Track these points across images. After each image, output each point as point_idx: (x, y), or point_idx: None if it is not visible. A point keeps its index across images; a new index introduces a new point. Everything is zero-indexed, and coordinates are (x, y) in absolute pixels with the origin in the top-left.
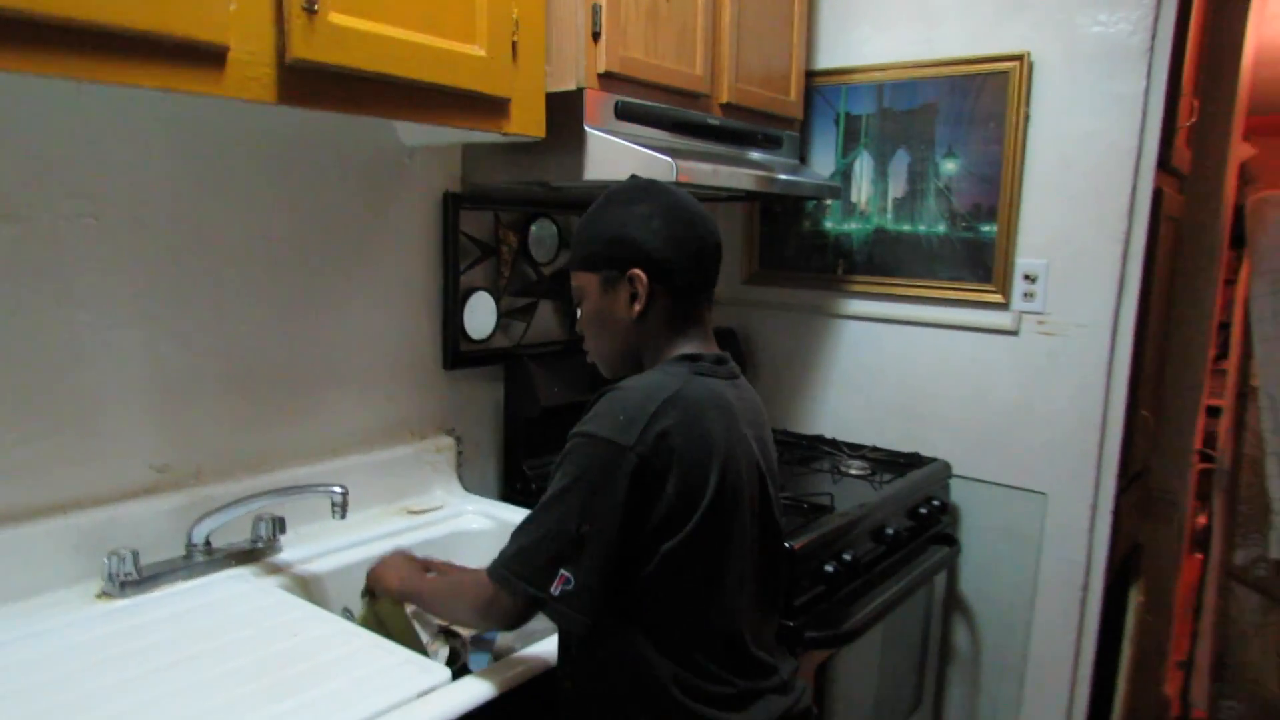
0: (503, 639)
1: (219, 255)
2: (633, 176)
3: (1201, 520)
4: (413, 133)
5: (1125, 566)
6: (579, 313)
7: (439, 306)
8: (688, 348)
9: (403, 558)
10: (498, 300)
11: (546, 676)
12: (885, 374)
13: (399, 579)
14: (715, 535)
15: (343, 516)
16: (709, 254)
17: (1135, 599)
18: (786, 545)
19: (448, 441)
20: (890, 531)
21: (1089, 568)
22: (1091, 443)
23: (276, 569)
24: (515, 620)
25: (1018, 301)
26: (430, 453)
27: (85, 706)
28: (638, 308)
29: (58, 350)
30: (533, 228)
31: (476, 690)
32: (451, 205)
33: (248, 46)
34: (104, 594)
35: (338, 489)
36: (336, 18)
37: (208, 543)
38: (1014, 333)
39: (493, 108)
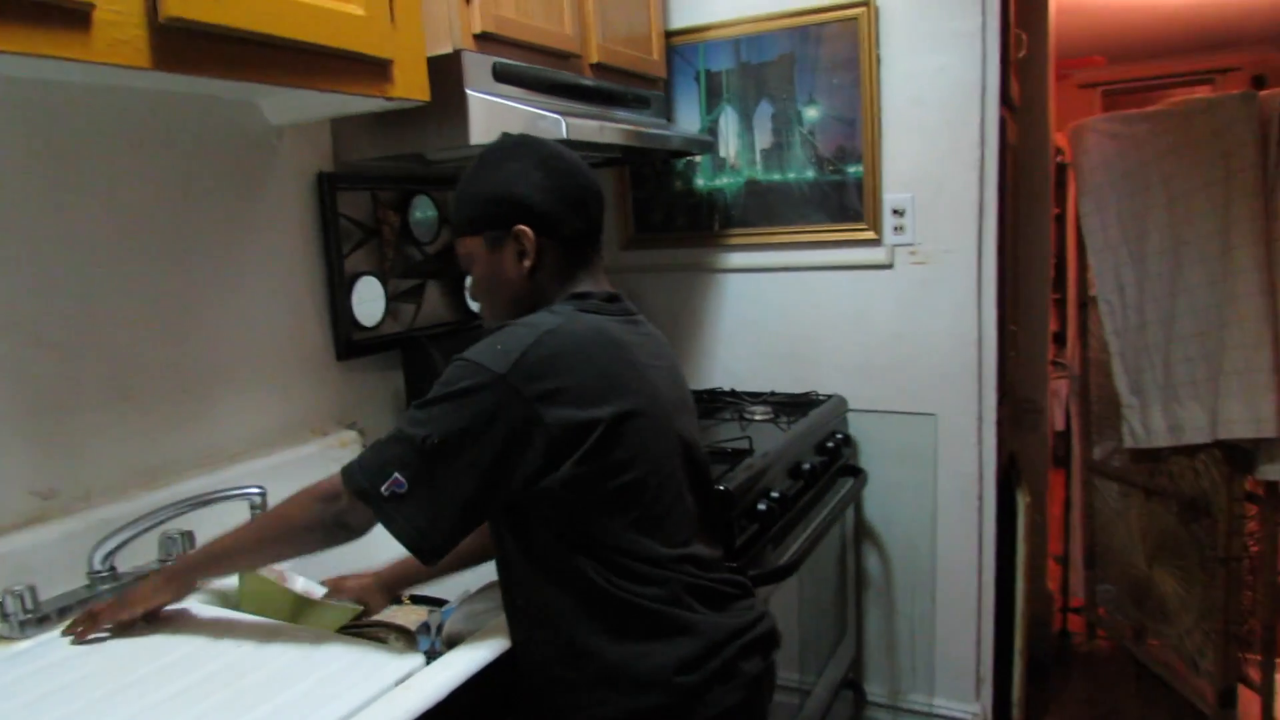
0: (451, 624)
1: (84, 251)
2: (503, 135)
3: (1060, 425)
4: (279, 110)
5: (1008, 474)
6: (469, 280)
7: (325, 294)
8: (579, 289)
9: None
10: (385, 284)
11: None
12: (772, 322)
13: (162, 574)
14: (625, 465)
15: None
16: (592, 201)
17: (1023, 500)
18: (722, 488)
19: (351, 435)
20: (806, 467)
21: (981, 478)
22: (971, 361)
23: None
24: (353, 518)
25: (889, 236)
26: (334, 449)
27: None
28: (527, 264)
29: None
30: (413, 206)
31: (459, 666)
32: (327, 186)
33: (115, 4)
34: (2, 638)
35: (255, 490)
36: None
37: (111, 568)
38: (889, 266)
39: (375, 71)
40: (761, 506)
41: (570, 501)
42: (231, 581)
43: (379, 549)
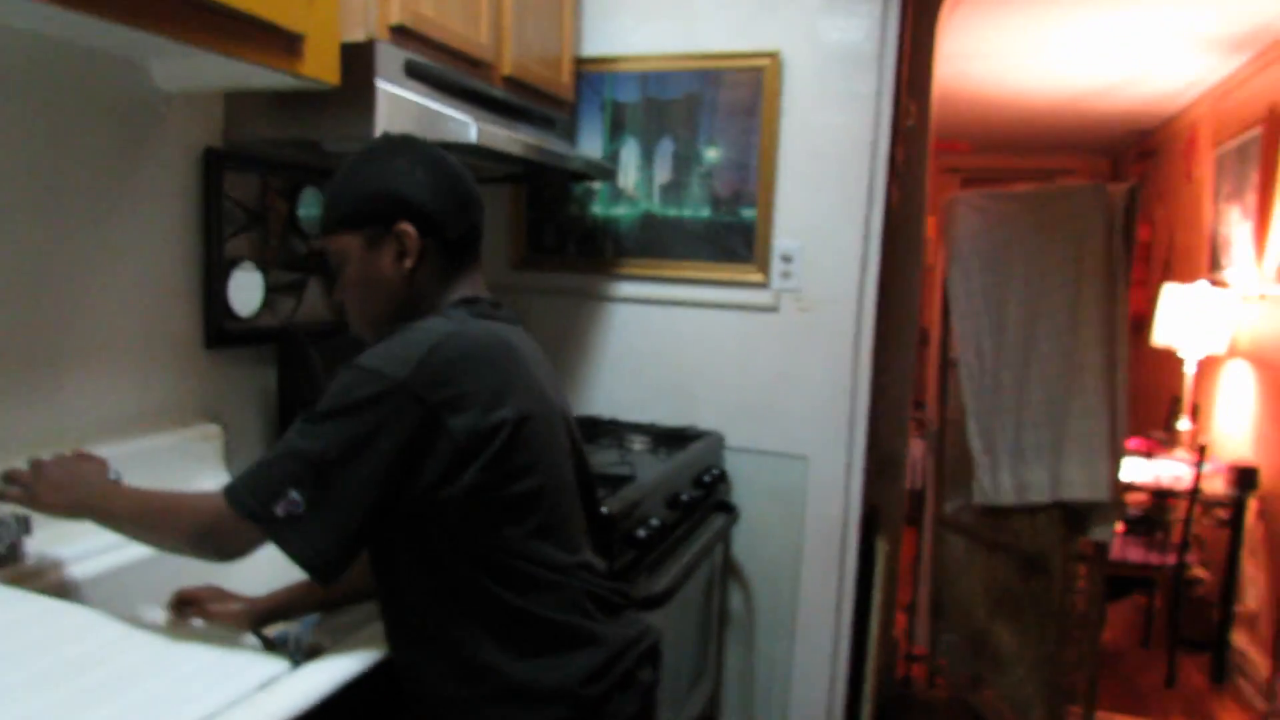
0: (315, 637)
1: None
2: (384, 134)
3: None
4: (171, 76)
5: (869, 522)
6: (339, 280)
7: (200, 277)
8: (464, 295)
9: (88, 464)
10: (265, 274)
11: None
12: (656, 354)
13: (74, 487)
14: (527, 470)
15: None
16: (476, 205)
17: (882, 548)
18: (605, 511)
19: (213, 430)
20: (684, 498)
21: (845, 522)
22: (844, 408)
23: (26, 577)
24: (235, 543)
25: (777, 280)
26: (195, 442)
27: None
28: (408, 263)
29: None
30: (300, 206)
31: (330, 673)
32: (213, 163)
33: None
34: None
35: (111, 470)
36: None
37: None
38: (774, 309)
39: (285, 43)
40: (641, 533)
41: (472, 510)
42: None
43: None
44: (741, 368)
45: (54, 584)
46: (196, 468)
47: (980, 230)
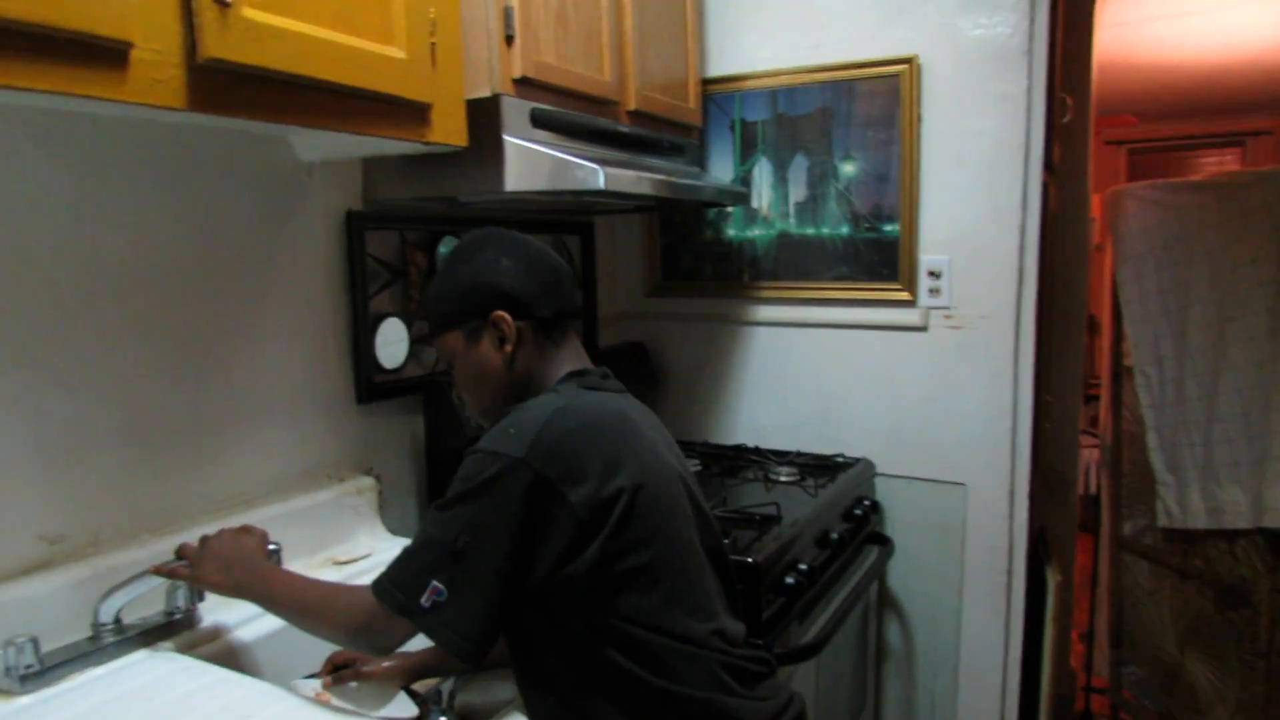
0: (464, 694)
1: (103, 288)
2: (470, 233)
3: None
4: (311, 148)
5: (1037, 549)
6: (453, 377)
7: (348, 335)
8: (570, 369)
9: (249, 538)
10: (409, 326)
11: None
12: (799, 378)
13: (237, 568)
14: (649, 538)
15: None
16: (565, 279)
17: (1053, 578)
18: (750, 560)
19: (368, 482)
20: (834, 536)
21: (1011, 552)
22: (1004, 430)
23: (199, 642)
24: (388, 638)
25: (924, 298)
26: (351, 496)
27: None
28: (509, 348)
29: None
30: (440, 247)
31: None
32: (355, 225)
33: (153, 44)
34: (1, 692)
35: (270, 547)
36: (251, 13)
37: (117, 620)
38: (923, 328)
39: (414, 114)
40: (789, 580)
41: (598, 582)
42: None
43: None
44: (890, 390)
45: (223, 648)
46: (354, 520)
47: (1154, 225)
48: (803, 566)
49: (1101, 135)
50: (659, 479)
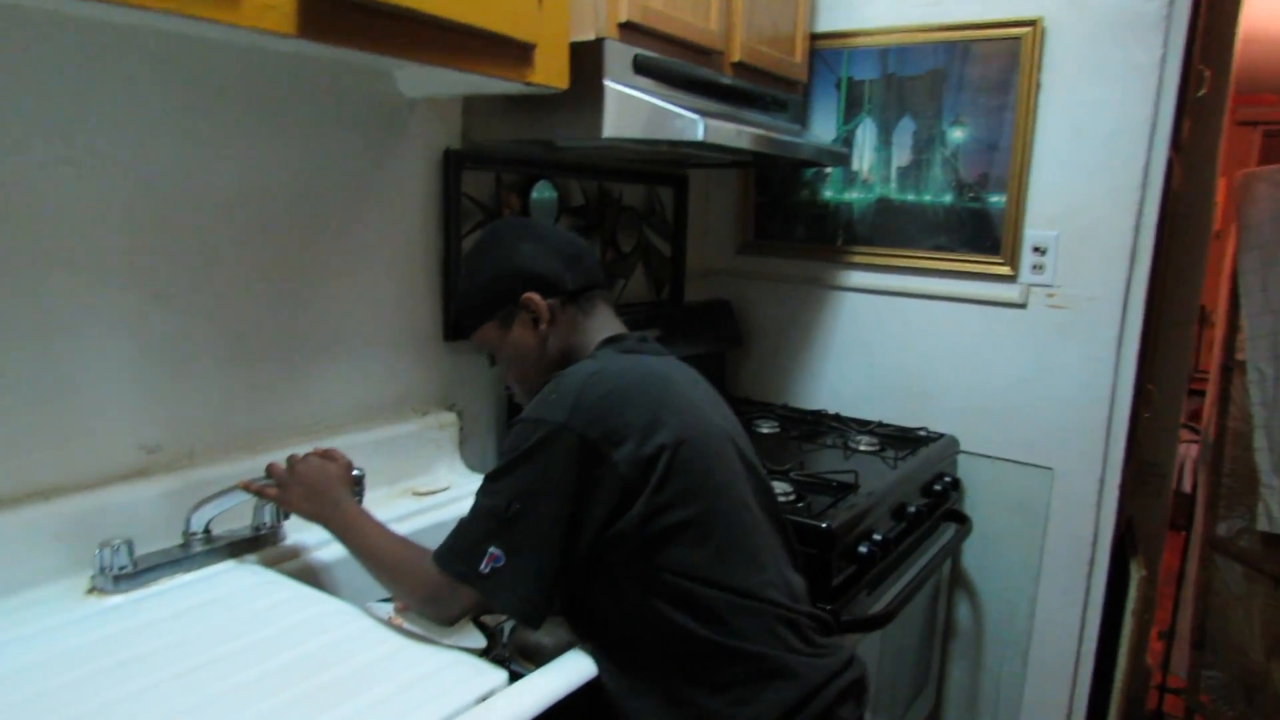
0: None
1: (209, 210)
2: (487, 227)
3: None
4: (415, 84)
5: (1123, 541)
6: (498, 367)
7: (439, 273)
8: (604, 337)
9: (334, 465)
10: None
11: None
12: (885, 348)
13: (321, 497)
14: (695, 492)
15: (360, 500)
16: (585, 253)
17: (1138, 572)
18: (823, 526)
19: (450, 418)
20: (912, 510)
21: (1095, 542)
22: (1100, 417)
23: (281, 558)
24: (453, 608)
25: (1026, 274)
26: (433, 430)
27: None
28: (543, 327)
29: (32, 314)
30: (534, 191)
31: (544, 690)
32: (453, 164)
33: None
34: (95, 589)
35: (354, 472)
36: None
37: (207, 530)
38: (1022, 305)
39: (518, 54)
40: (863, 549)
41: (648, 540)
42: (353, 574)
43: None
44: (981, 367)
45: (303, 566)
46: (434, 453)
47: None
48: (877, 536)
49: (1236, 114)
50: (702, 435)
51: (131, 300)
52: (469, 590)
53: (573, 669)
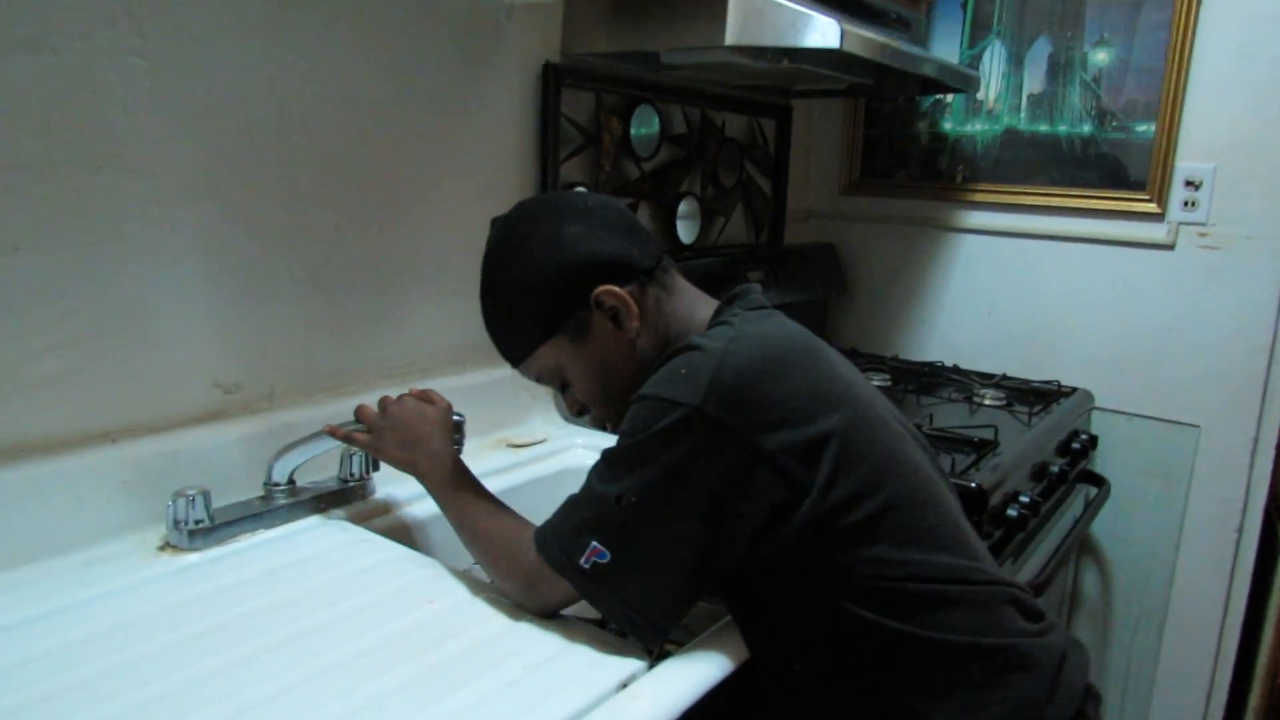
0: None
1: (292, 124)
2: (494, 224)
3: None
4: None
5: (1272, 506)
6: (570, 395)
7: None
8: (705, 304)
9: (432, 409)
10: None
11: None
12: (1008, 294)
13: (417, 448)
14: (879, 475)
15: (460, 450)
16: (633, 219)
17: None
18: (974, 485)
19: None
20: (1055, 469)
21: (1245, 506)
22: (1257, 369)
23: (371, 513)
24: (550, 595)
25: (1175, 211)
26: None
27: (173, 710)
28: (634, 324)
29: (98, 228)
30: (635, 114)
31: (692, 678)
32: (552, 80)
33: None
34: (168, 546)
35: (455, 414)
36: None
37: (290, 481)
38: (1169, 247)
39: None
40: (1012, 512)
41: (831, 541)
42: (447, 532)
43: None
44: (1118, 315)
45: (395, 523)
46: (529, 404)
47: None
48: (1024, 498)
49: None
50: (867, 406)
51: (206, 217)
52: (562, 582)
53: (726, 650)
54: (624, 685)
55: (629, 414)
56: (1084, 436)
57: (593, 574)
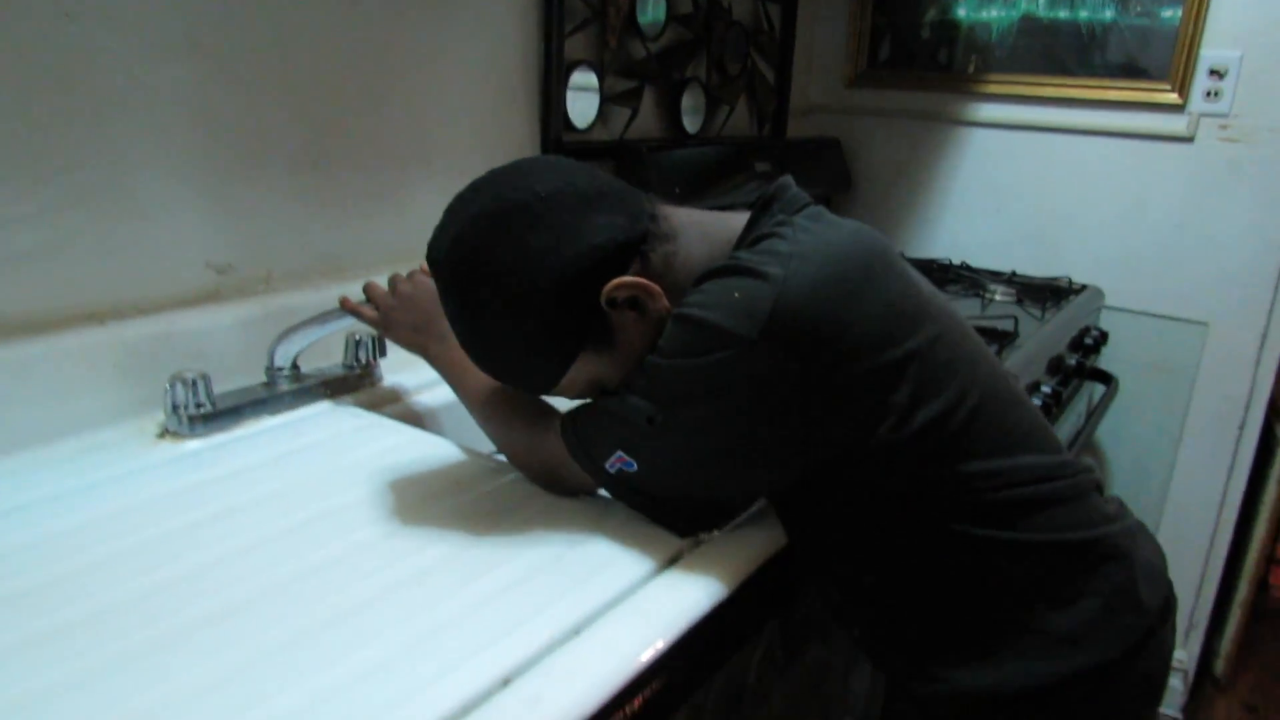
0: None
1: None
2: (434, 263)
3: None
4: None
5: (1272, 404)
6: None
7: (538, 85)
8: (724, 222)
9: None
10: (601, 80)
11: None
12: (1018, 191)
13: (428, 330)
14: (964, 388)
15: None
16: (598, 180)
17: None
18: None
19: None
20: (1071, 362)
21: (1249, 403)
22: (1270, 266)
23: (379, 402)
24: (575, 484)
25: (1197, 102)
26: None
27: (187, 595)
28: (661, 304)
29: (71, 85)
30: None
31: (739, 556)
32: None
33: None
34: (168, 433)
35: None
36: None
37: (295, 366)
38: (1188, 139)
39: None
40: (1036, 401)
41: (914, 458)
42: (458, 424)
43: None
44: (1131, 211)
45: (405, 411)
46: None
47: None
48: (1045, 389)
49: None
50: (951, 317)
51: (190, 77)
52: (585, 475)
53: (765, 532)
54: (673, 561)
55: (669, 330)
56: (1095, 333)
57: (619, 478)
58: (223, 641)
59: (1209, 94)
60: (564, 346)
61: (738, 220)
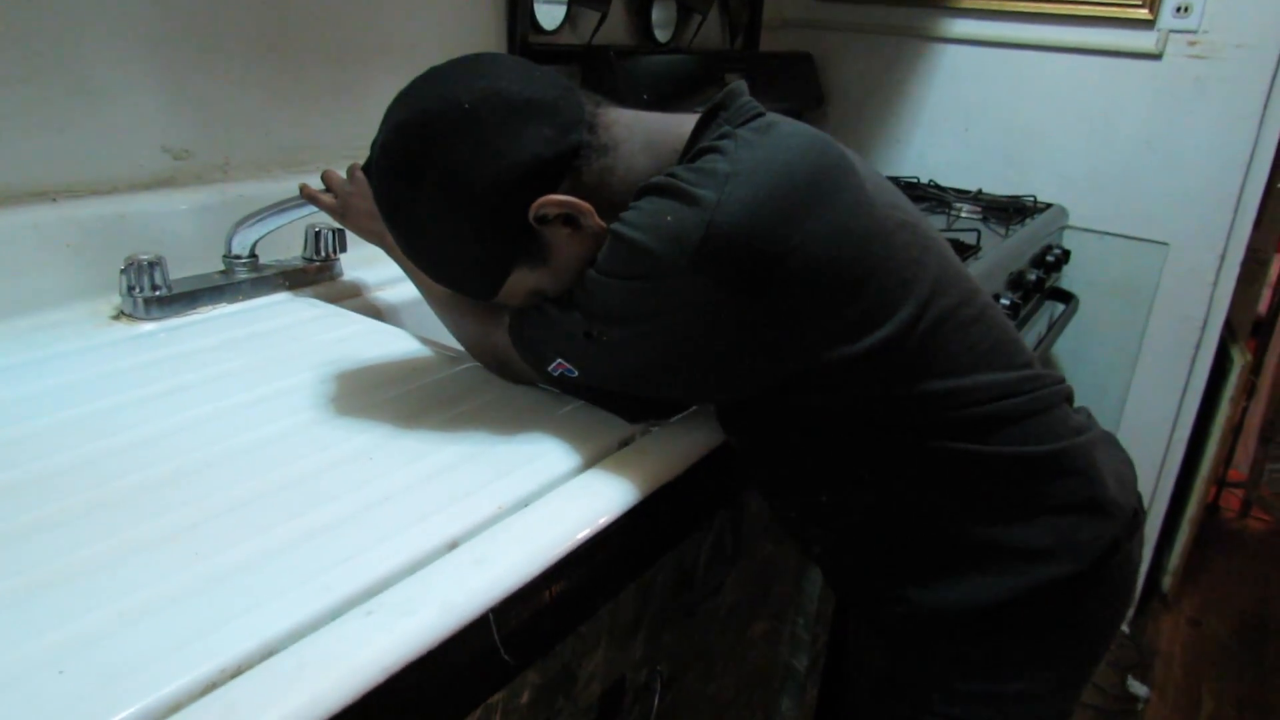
0: None
1: None
2: (384, 138)
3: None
4: None
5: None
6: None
7: None
8: (670, 129)
9: None
10: None
11: None
12: (986, 109)
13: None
14: (927, 295)
15: None
16: (528, 79)
17: (1240, 359)
18: None
19: None
20: (1032, 278)
21: (1205, 324)
22: (1231, 185)
23: (338, 296)
24: (524, 376)
25: (1167, 18)
26: None
27: (136, 461)
28: (593, 221)
29: None
30: None
31: (688, 441)
32: None
33: None
34: (123, 314)
35: None
36: None
37: (253, 255)
38: (1156, 56)
39: None
40: None
41: (874, 376)
42: (420, 321)
43: None
44: (1098, 129)
45: (366, 305)
46: None
47: None
48: (1005, 302)
49: None
50: (913, 229)
51: None
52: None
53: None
54: (623, 445)
55: (607, 245)
56: (1057, 251)
57: (560, 380)
58: (171, 502)
59: (1179, 9)
60: (496, 260)
61: (688, 126)
